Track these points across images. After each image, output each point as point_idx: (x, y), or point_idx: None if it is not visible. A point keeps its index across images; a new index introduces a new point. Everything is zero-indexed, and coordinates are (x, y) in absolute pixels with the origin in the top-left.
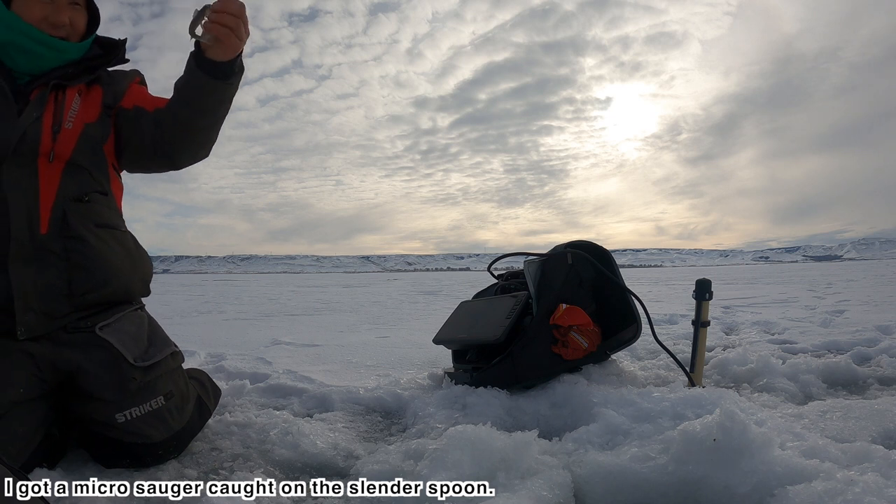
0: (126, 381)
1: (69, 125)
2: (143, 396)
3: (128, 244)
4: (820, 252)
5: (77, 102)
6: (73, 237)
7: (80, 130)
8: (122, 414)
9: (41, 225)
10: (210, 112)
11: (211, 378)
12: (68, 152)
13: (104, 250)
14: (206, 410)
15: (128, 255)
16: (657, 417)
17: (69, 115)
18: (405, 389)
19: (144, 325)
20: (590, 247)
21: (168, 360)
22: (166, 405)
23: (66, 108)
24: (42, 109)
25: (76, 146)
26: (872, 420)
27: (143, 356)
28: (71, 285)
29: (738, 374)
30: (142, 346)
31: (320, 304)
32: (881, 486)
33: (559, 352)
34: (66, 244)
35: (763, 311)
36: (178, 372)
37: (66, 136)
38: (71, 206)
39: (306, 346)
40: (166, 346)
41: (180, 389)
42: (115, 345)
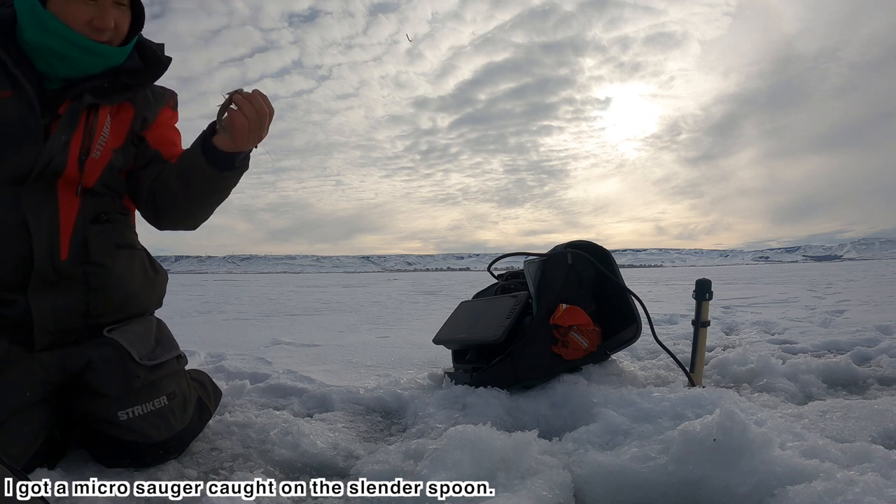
0: (131, 379)
1: (97, 154)
2: (146, 395)
3: (145, 264)
4: (820, 252)
5: (108, 126)
6: (94, 263)
7: (107, 160)
8: (125, 412)
9: (62, 251)
10: (201, 196)
11: (212, 379)
12: (92, 182)
13: (124, 275)
14: (207, 412)
15: (146, 276)
16: (657, 417)
17: (99, 142)
18: (405, 389)
19: (153, 327)
20: (590, 247)
21: (173, 362)
22: (169, 405)
23: (96, 133)
24: (71, 133)
25: (101, 175)
26: (872, 420)
27: (149, 355)
28: (89, 308)
29: (738, 374)
30: (148, 345)
31: (320, 304)
32: (881, 486)
33: (559, 352)
34: (86, 269)
35: (763, 311)
36: (182, 374)
37: (92, 166)
38: (91, 229)
39: (306, 346)
40: (173, 348)
41: (183, 391)
42: (121, 343)
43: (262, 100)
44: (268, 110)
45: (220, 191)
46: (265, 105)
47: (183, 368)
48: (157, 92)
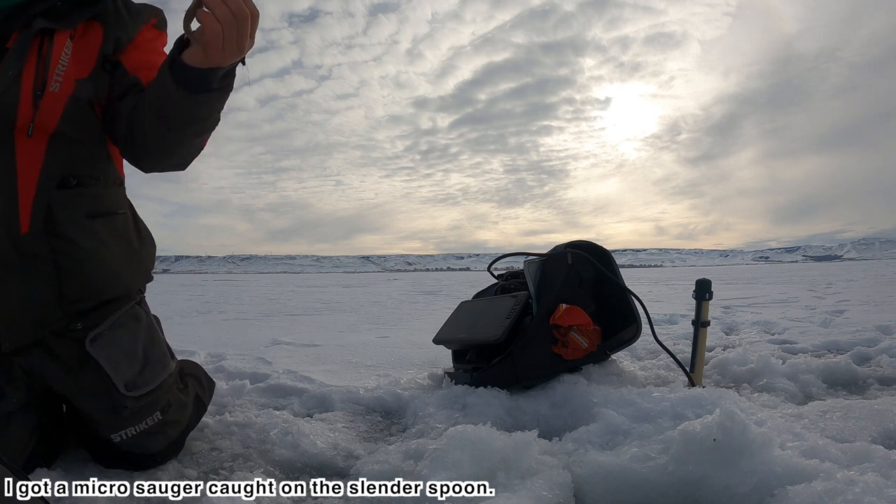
0: (118, 409)
1: (55, 87)
2: (138, 417)
3: (128, 232)
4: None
5: (68, 50)
6: (62, 237)
7: (69, 92)
8: (118, 434)
9: (21, 222)
10: (177, 129)
11: (203, 369)
12: (53, 123)
13: (99, 251)
14: (203, 406)
15: (128, 249)
16: (657, 417)
17: (56, 72)
18: (405, 389)
19: (142, 331)
20: (590, 247)
21: (166, 383)
22: (164, 419)
23: (53, 61)
24: (21, 65)
25: (64, 113)
26: (872, 420)
27: (136, 381)
28: (62, 293)
29: (738, 374)
30: (136, 366)
31: (320, 304)
32: (881, 486)
33: (559, 352)
34: (53, 245)
35: (763, 311)
36: (175, 382)
37: (50, 100)
38: (56, 195)
39: (306, 346)
40: (163, 366)
41: (177, 398)
42: (105, 367)
43: None
44: (248, 11)
45: (200, 119)
46: (244, 4)
47: (175, 374)
48: (135, 9)
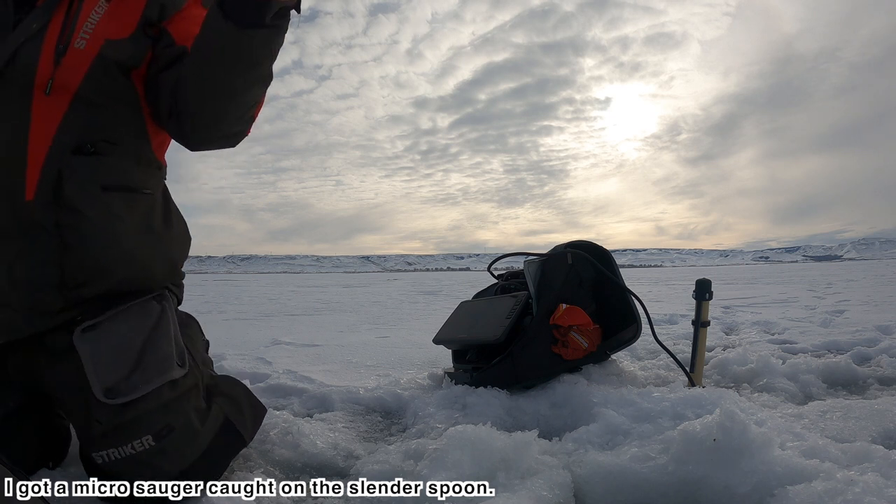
0: (90, 422)
1: (81, 44)
2: (119, 438)
3: (152, 214)
4: (820, 252)
5: (102, 9)
6: (69, 208)
7: (96, 51)
8: (99, 454)
9: (26, 188)
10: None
11: (250, 392)
12: (75, 82)
13: (112, 227)
14: (238, 439)
15: (148, 231)
16: (657, 417)
17: (84, 29)
18: (405, 389)
19: (146, 326)
20: (590, 247)
21: (164, 391)
22: (158, 446)
23: (81, 18)
24: (47, 20)
25: (88, 73)
26: (872, 420)
27: (118, 387)
28: (63, 273)
29: (738, 374)
30: (123, 368)
31: (320, 304)
32: (881, 486)
33: (559, 352)
34: (58, 217)
35: (763, 311)
36: (185, 400)
37: (73, 58)
38: (69, 160)
39: (306, 346)
40: (163, 371)
41: (185, 423)
42: (84, 363)
43: None
44: None
45: (249, 63)
46: None
47: (187, 391)
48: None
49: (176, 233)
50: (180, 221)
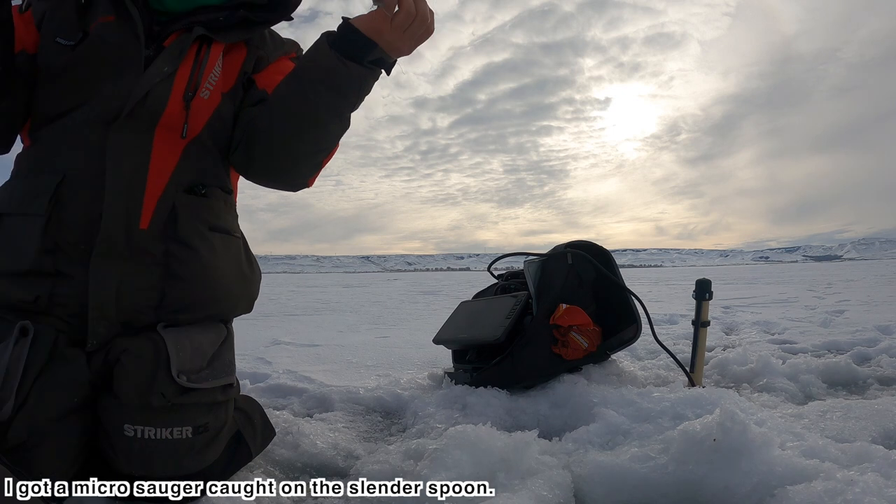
0: (152, 393)
1: (205, 94)
2: (166, 418)
3: (241, 256)
4: (820, 252)
5: (220, 65)
6: (180, 241)
7: (217, 102)
8: (133, 428)
9: (142, 217)
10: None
11: (265, 414)
12: (199, 128)
13: (216, 265)
14: (245, 452)
15: (240, 273)
16: (657, 417)
17: (209, 80)
18: (405, 389)
19: (217, 342)
20: (590, 247)
21: (216, 392)
22: (191, 440)
23: (207, 69)
24: (177, 64)
25: (209, 122)
26: (872, 420)
27: (191, 373)
28: (164, 299)
29: (738, 374)
30: (199, 361)
31: (320, 303)
32: (881, 486)
33: (559, 352)
34: (168, 247)
35: (763, 311)
36: (226, 406)
37: (200, 107)
38: (183, 199)
39: (306, 346)
40: (224, 374)
41: (219, 425)
42: (168, 344)
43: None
44: (431, 14)
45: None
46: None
47: (230, 399)
48: (278, 39)
49: (257, 274)
50: (257, 265)
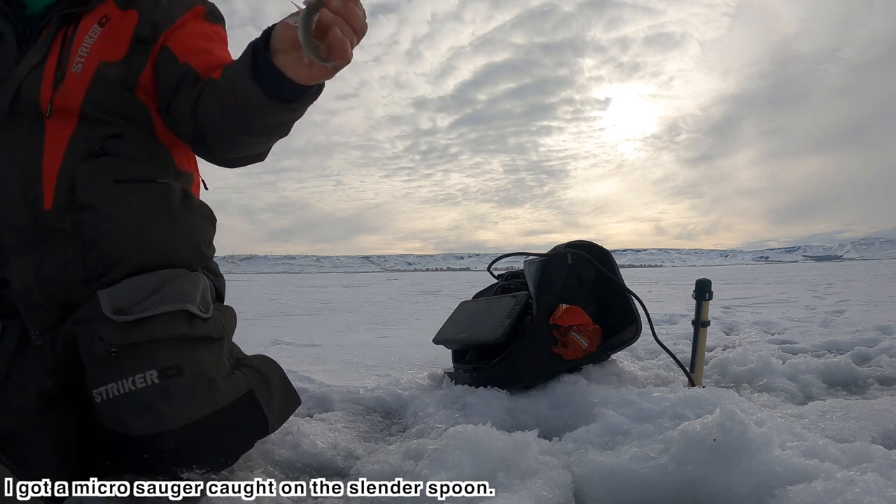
0: (95, 343)
1: (77, 68)
2: (121, 367)
3: (169, 198)
4: (820, 252)
5: (95, 34)
6: (84, 206)
7: (92, 72)
8: (98, 391)
9: (45, 199)
10: (257, 134)
11: (286, 377)
12: (76, 103)
13: (122, 213)
14: (259, 419)
15: (164, 213)
16: (657, 417)
17: (79, 54)
18: (405, 389)
19: (168, 276)
20: (590, 247)
21: (174, 321)
22: (161, 384)
23: (75, 45)
24: (45, 52)
25: (87, 93)
26: (872, 420)
27: (129, 308)
28: (86, 268)
29: (738, 374)
30: (138, 293)
31: (320, 304)
32: (881, 486)
33: (559, 352)
34: (75, 216)
35: (763, 311)
36: (202, 345)
37: (72, 82)
38: (80, 166)
39: (306, 346)
40: (179, 300)
41: (199, 370)
42: (100, 295)
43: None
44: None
45: (284, 124)
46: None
47: (211, 337)
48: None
49: (196, 214)
50: (203, 207)
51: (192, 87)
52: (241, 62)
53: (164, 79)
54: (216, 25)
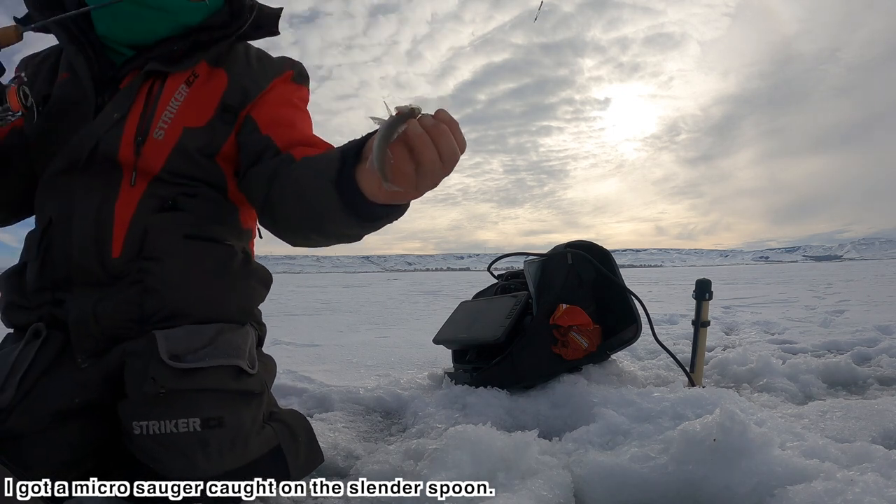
0: (146, 382)
1: (159, 134)
2: (167, 410)
3: (232, 261)
4: (820, 252)
5: (182, 96)
6: (151, 258)
7: (174, 141)
8: (139, 424)
9: (113, 248)
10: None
11: (313, 434)
12: (155, 169)
13: (186, 269)
14: (284, 472)
15: (224, 275)
16: (657, 417)
17: (163, 118)
18: (405, 389)
19: (221, 329)
20: (590, 247)
21: (223, 375)
22: (202, 434)
23: (160, 106)
24: (127, 108)
25: (167, 162)
26: (872, 420)
27: (185, 356)
28: (143, 311)
29: (738, 374)
30: (194, 343)
31: (320, 304)
32: (881, 486)
33: (559, 352)
34: (141, 265)
35: (763, 311)
36: (244, 400)
37: (152, 148)
38: (154, 219)
39: (306, 346)
40: (232, 355)
41: (239, 423)
42: (157, 335)
43: (454, 131)
44: (461, 148)
45: (357, 236)
46: (456, 145)
47: (253, 392)
48: (267, 61)
49: (253, 282)
50: (259, 270)
51: (270, 160)
52: (329, 161)
53: (244, 147)
54: (302, 88)
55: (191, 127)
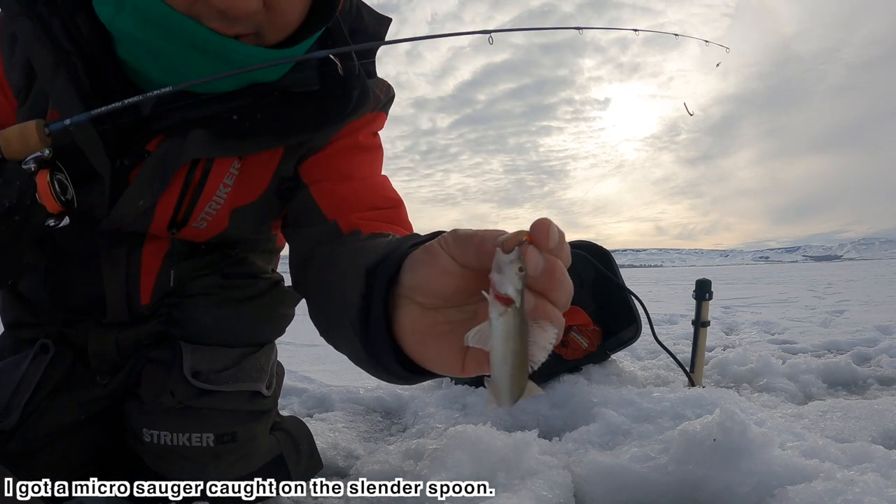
0: (160, 393)
1: (202, 224)
2: (183, 423)
3: (264, 295)
4: (820, 252)
5: (232, 178)
6: (183, 296)
7: (221, 228)
8: (151, 432)
9: (142, 297)
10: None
11: (313, 442)
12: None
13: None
14: (283, 478)
15: (255, 309)
16: (657, 417)
17: (206, 210)
18: (405, 389)
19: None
20: (590, 247)
21: (245, 400)
22: (214, 449)
23: (204, 196)
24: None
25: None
26: (872, 420)
27: (207, 375)
28: (166, 337)
29: (738, 374)
30: (218, 364)
31: None
32: (881, 486)
33: (559, 352)
34: (170, 302)
35: (763, 311)
36: (258, 418)
37: (192, 233)
38: (184, 266)
39: (306, 346)
40: (255, 379)
41: (250, 438)
42: (183, 349)
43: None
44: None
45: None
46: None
47: (266, 410)
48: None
49: (283, 305)
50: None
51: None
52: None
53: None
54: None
55: (241, 206)
